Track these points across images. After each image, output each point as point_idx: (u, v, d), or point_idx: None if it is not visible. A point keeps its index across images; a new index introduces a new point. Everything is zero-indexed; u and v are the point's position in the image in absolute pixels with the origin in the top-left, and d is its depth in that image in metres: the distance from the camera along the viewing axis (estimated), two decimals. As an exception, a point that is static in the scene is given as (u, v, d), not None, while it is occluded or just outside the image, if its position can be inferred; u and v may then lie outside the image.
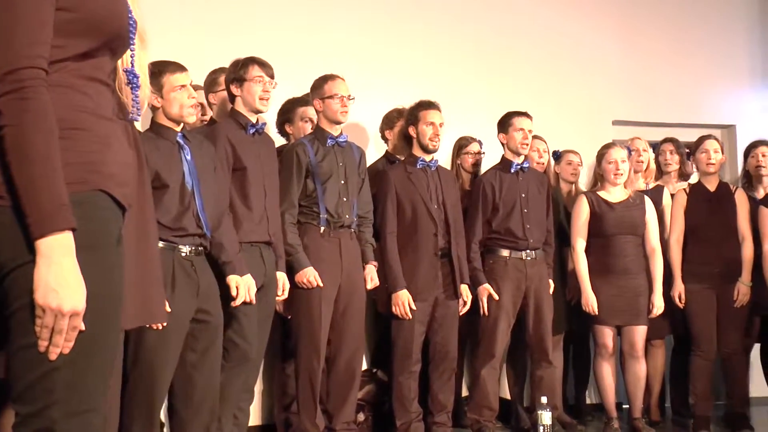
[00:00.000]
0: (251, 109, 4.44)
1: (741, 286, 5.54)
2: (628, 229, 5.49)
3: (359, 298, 4.86)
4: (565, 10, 6.94)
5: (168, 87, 3.96)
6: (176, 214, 3.88)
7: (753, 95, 7.54)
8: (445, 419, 5.20)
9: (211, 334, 3.97)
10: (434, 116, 5.20)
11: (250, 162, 4.36)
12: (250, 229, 4.33)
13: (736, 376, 5.66)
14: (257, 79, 4.39)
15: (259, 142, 4.47)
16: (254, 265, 4.28)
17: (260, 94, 4.40)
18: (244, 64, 4.41)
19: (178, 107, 3.98)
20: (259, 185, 4.39)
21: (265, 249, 4.41)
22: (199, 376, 3.95)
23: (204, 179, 4.02)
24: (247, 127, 4.42)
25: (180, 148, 4.00)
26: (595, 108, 6.92)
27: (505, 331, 5.40)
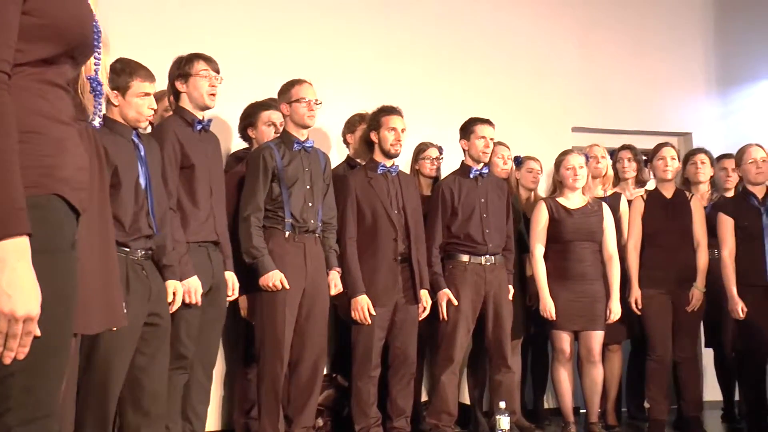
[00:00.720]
0: (198, 105, 4.39)
1: (695, 292, 5.63)
2: (586, 236, 5.55)
3: (323, 304, 4.85)
4: (525, 18, 7.00)
5: (132, 91, 3.93)
6: (132, 213, 3.86)
7: (709, 103, 7.66)
8: (404, 424, 5.22)
9: (160, 338, 3.95)
10: (396, 122, 5.21)
11: (198, 159, 4.33)
12: (198, 228, 4.29)
13: (689, 380, 5.74)
14: (203, 74, 4.36)
15: (205, 139, 4.43)
16: (202, 265, 4.25)
17: (207, 89, 4.37)
18: (189, 60, 4.37)
19: (135, 114, 3.94)
20: (206, 184, 4.36)
21: (213, 249, 4.39)
22: (147, 379, 3.92)
23: (155, 178, 4.00)
24: (194, 124, 4.38)
25: (135, 147, 3.97)
26: (554, 115, 6.99)
27: (465, 336, 5.42)
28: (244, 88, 5.04)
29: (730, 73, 7.66)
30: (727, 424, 6.17)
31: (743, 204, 5.62)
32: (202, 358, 4.37)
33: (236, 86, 4.73)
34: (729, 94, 7.68)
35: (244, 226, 4.66)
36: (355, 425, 5.13)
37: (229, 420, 5.35)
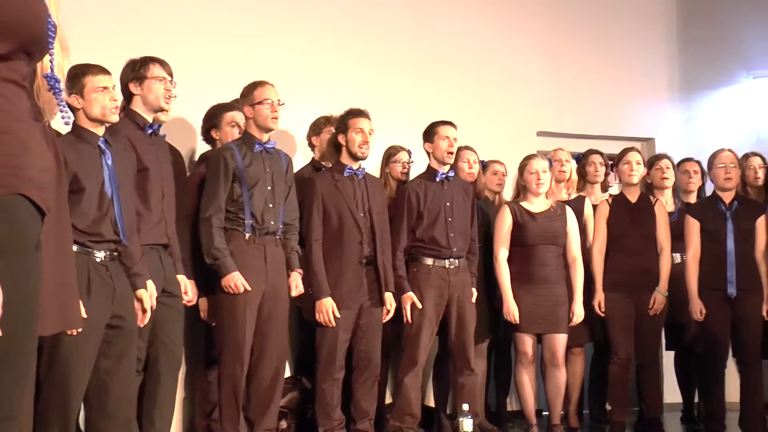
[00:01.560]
0: (152, 108, 4.38)
1: (657, 295, 5.69)
2: (550, 239, 5.59)
3: (283, 306, 4.85)
4: (491, 23, 7.05)
5: (89, 88, 3.91)
6: (93, 219, 3.83)
7: (672, 109, 7.77)
8: (367, 426, 5.22)
9: (125, 340, 3.92)
10: (364, 124, 5.22)
11: (151, 163, 4.31)
12: (149, 231, 4.27)
13: (651, 382, 5.80)
14: (159, 78, 4.35)
15: (156, 143, 4.42)
16: (153, 268, 4.23)
17: (163, 93, 4.36)
18: (144, 63, 4.36)
19: (99, 109, 3.93)
20: (158, 187, 4.34)
21: (163, 252, 4.37)
22: (113, 382, 3.89)
23: (124, 185, 3.98)
24: (145, 128, 4.37)
25: (101, 153, 3.95)
26: (520, 119, 7.04)
27: (428, 339, 5.44)
28: (207, 89, 5.02)
29: (693, 80, 7.76)
30: (687, 425, 6.25)
31: (710, 208, 5.69)
32: (167, 361, 4.35)
33: (200, 88, 4.72)
34: (691, 100, 7.78)
35: (205, 227, 4.65)
36: (318, 427, 5.13)
37: (191, 423, 5.32)
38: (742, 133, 7.56)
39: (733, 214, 5.59)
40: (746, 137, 7.47)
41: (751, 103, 7.67)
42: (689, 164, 6.27)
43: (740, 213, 5.60)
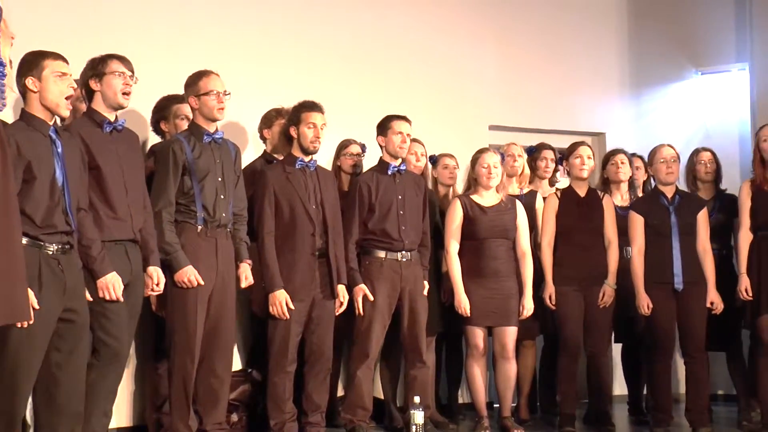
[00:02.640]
0: (111, 105, 4.32)
1: (607, 288, 5.75)
2: (500, 233, 5.63)
3: (231, 298, 4.83)
4: (443, 17, 7.08)
5: (48, 71, 3.85)
6: (46, 209, 3.78)
7: (622, 104, 7.86)
8: (319, 419, 5.22)
9: (77, 334, 3.88)
10: (316, 117, 5.21)
11: (105, 160, 4.25)
12: (113, 227, 4.23)
13: (600, 375, 5.86)
14: (118, 73, 4.31)
15: (117, 139, 4.35)
16: (119, 263, 4.19)
17: (121, 87, 4.31)
18: (103, 60, 4.31)
19: (56, 94, 3.86)
20: (119, 184, 4.29)
21: (131, 246, 4.33)
22: (63, 376, 3.85)
23: (72, 175, 3.93)
24: (104, 125, 4.32)
25: (52, 142, 3.90)
26: (472, 113, 7.08)
27: (380, 332, 5.45)
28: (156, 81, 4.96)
29: (643, 76, 7.85)
30: (634, 417, 6.32)
31: (653, 203, 5.75)
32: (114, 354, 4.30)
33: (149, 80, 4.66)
34: (641, 95, 7.87)
35: (156, 221, 4.59)
36: (269, 420, 5.12)
37: (141, 416, 5.29)
38: (691, 128, 7.67)
39: (676, 208, 5.67)
40: (695, 132, 7.58)
41: (700, 99, 7.77)
42: (635, 160, 6.35)
43: (682, 207, 5.68)
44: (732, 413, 6.16)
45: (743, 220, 5.59)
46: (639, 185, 6.33)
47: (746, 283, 5.50)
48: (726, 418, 6.20)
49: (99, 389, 4.15)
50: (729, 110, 7.64)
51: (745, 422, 5.86)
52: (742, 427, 5.83)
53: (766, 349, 5.46)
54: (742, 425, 5.87)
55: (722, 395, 6.90)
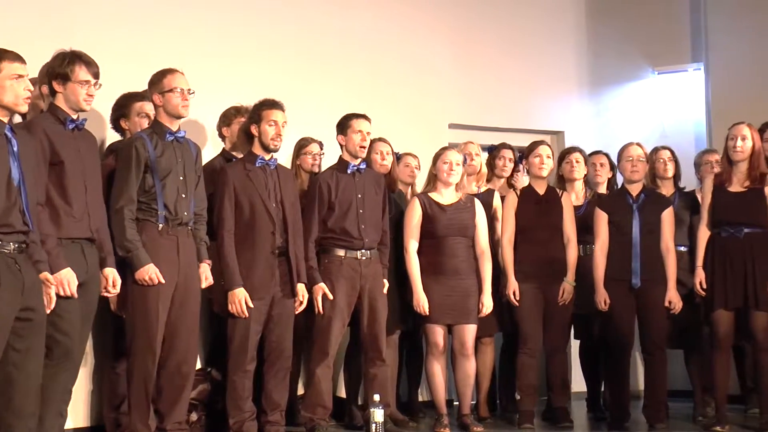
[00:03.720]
0: (73, 108, 4.30)
1: (566, 286, 5.80)
2: (459, 231, 5.65)
3: (194, 297, 4.80)
4: (403, 16, 7.12)
5: (4, 74, 3.80)
6: (2, 208, 3.74)
7: (581, 103, 7.94)
8: (278, 418, 5.21)
9: (34, 332, 3.84)
10: (278, 115, 5.19)
11: (68, 157, 4.22)
12: (71, 225, 4.19)
13: (558, 371, 5.91)
14: (82, 83, 4.28)
15: (78, 137, 4.33)
16: (75, 261, 4.15)
17: (84, 96, 4.29)
18: (71, 62, 4.27)
19: (12, 96, 3.82)
20: (79, 181, 4.26)
21: (87, 245, 4.28)
22: (20, 375, 3.80)
23: (29, 174, 3.89)
24: (66, 123, 4.28)
25: (8, 141, 3.85)
26: (432, 112, 7.11)
27: (340, 330, 5.45)
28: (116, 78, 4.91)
29: (601, 75, 7.94)
30: (593, 413, 6.38)
31: (618, 200, 5.82)
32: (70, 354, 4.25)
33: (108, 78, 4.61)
34: (599, 94, 7.97)
35: (116, 219, 4.57)
36: (229, 419, 5.10)
37: (99, 415, 5.24)
38: (648, 127, 7.76)
39: (639, 206, 5.72)
40: (652, 131, 7.67)
41: (657, 98, 7.87)
42: (596, 157, 6.41)
43: (647, 206, 5.74)
44: (688, 409, 6.24)
45: (703, 215, 5.66)
46: (602, 182, 6.38)
47: (701, 277, 5.56)
48: (682, 413, 6.27)
49: (52, 389, 4.10)
50: (685, 110, 7.75)
51: (701, 417, 5.97)
52: (697, 422, 5.92)
53: (720, 344, 5.53)
54: (697, 420, 5.96)
55: (679, 391, 6.97)
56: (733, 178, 5.58)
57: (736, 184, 5.57)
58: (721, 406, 5.57)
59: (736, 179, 5.57)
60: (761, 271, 5.42)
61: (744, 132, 5.53)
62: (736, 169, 5.58)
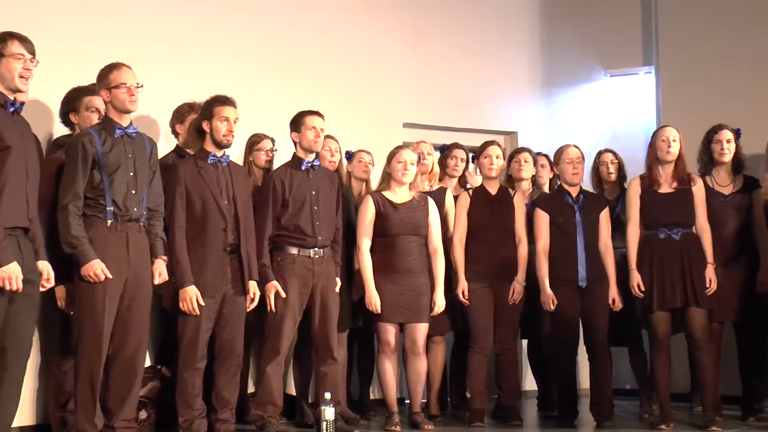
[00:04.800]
0: (9, 87, 4.18)
1: (516, 285, 5.85)
2: (412, 230, 5.68)
3: (145, 294, 4.77)
4: (358, 14, 7.13)
5: None
6: None
7: (534, 104, 8.01)
8: (229, 416, 5.19)
9: None
10: (229, 112, 5.18)
11: (14, 141, 4.13)
12: (10, 213, 4.09)
13: (509, 370, 5.96)
14: (17, 56, 4.18)
15: (19, 122, 4.25)
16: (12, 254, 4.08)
17: (20, 71, 4.17)
18: (2, 39, 4.17)
19: None
20: (22, 167, 4.16)
21: (22, 236, 4.18)
22: None
23: None
24: (7, 105, 4.19)
25: None
26: (386, 110, 7.13)
27: (291, 328, 5.44)
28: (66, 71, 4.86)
29: (554, 77, 8.02)
30: (542, 411, 6.45)
31: (559, 201, 5.88)
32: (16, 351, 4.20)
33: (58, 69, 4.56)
34: (552, 96, 8.04)
35: (62, 215, 4.51)
36: (178, 417, 5.08)
37: (44, 414, 5.18)
38: (600, 128, 7.86)
39: (580, 207, 5.80)
40: (603, 133, 7.77)
41: (608, 100, 7.96)
42: (541, 159, 6.47)
43: (587, 206, 5.82)
44: (635, 407, 6.32)
45: (632, 216, 5.73)
46: (544, 183, 6.44)
47: (637, 279, 5.63)
48: (629, 411, 6.36)
49: None
50: (636, 112, 7.85)
51: (646, 415, 6.05)
52: (643, 420, 6.00)
53: (659, 344, 5.61)
54: (643, 418, 6.05)
55: (627, 390, 7.06)
56: (661, 180, 5.68)
57: (664, 185, 5.67)
58: (665, 405, 5.65)
59: (664, 180, 5.67)
60: (698, 270, 5.53)
61: (674, 134, 5.66)
62: (663, 171, 5.67)
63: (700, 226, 5.64)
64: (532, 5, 8.06)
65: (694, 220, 5.63)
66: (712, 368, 5.60)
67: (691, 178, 5.68)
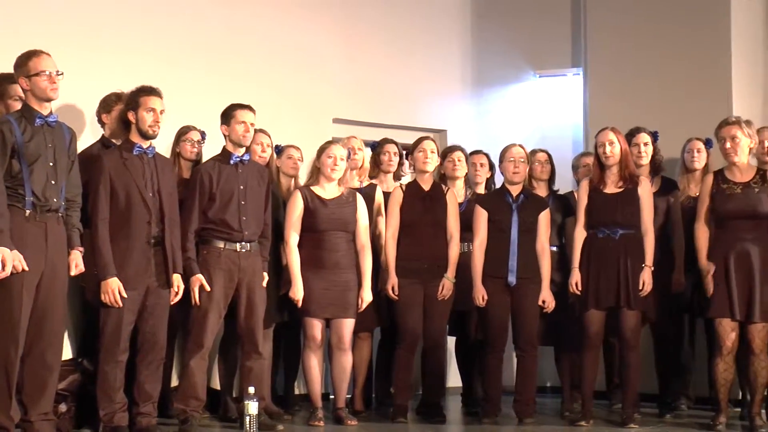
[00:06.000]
0: None
1: (446, 282, 5.88)
2: (340, 226, 5.69)
3: (62, 285, 4.71)
4: (290, 9, 7.09)
5: None
6: None
7: (464, 103, 8.07)
8: (151, 409, 5.14)
9: None
10: (155, 102, 5.13)
11: None
12: None
13: (435, 367, 6.00)
14: None
15: None
16: None
17: None
18: None
19: None
20: None
21: None
22: None
23: None
24: None
25: None
26: (317, 106, 7.12)
27: (216, 322, 5.41)
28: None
29: (484, 76, 8.09)
30: (466, 408, 6.50)
31: (498, 199, 5.93)
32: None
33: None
34: (482, 95, 8.11)
35: None
36: (99, 411, 5.02)
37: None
38: (528, 128, 7.93)
39: (519, 206, 5.86)
40: (532, 132, 7.84)
41: (537, 101, 8.06)
42: (476, 157, 6.52)
43: (525, 206, 5.88)
44: (556, 404, 6.43)
45: (579, 216, 5.82)
46: (481, 182, 6.49)
47: (577, 278, 5.71)
48: (551, 408, 6.46)
49: None
50: (564, 113, 7.95)
51: (567, 412, 6.14)
52: (564, 417, 6.10)
53: (589, 342, 5.71)
54: (564, 415, 6.14)
55: (549, 387, 7.18)
56: (607, 180, 5.76)
57: (610, 186, 5.75)
58: (587, 402, 5.75)
59: (610, 181, 5.76)
60: (634, 272, 5.62)
61: (610, 137, 5.73)
62: (609, 171, 5.76)
63: (644, 227, 5.70)
64: (464, 4, 8.12)
65: (636, 221, 5.69)
66: (637, 367, 5.71)
67: (637, 180, 5.75)
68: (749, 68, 7.21)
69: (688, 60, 7.16)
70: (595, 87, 7.57)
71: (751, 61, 7.25)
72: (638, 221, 5.69)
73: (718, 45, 7.07)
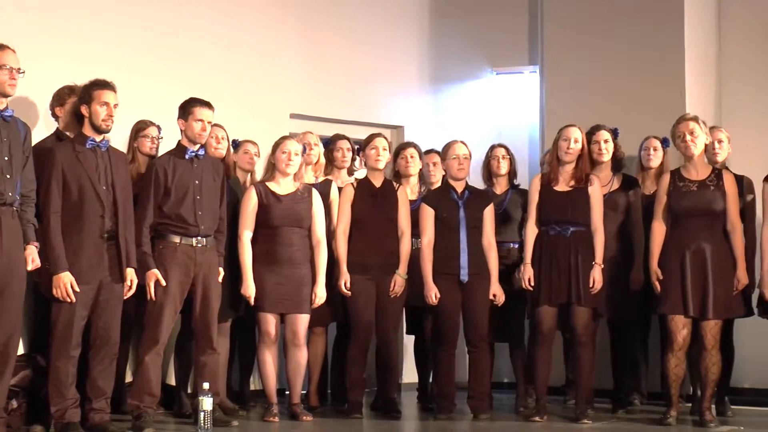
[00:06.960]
0: None
1: (398, 278, 5.90)
2: (294, 221, 5.68)
3: (18, 280, 4.66)
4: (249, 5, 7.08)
5: None
6: None
7: (421, 99, 8.10)
8: (104, 405, 5.09)
9: None
10: (109, 96, 5.07)
11: None
12: None
13: (389, 362, 6.01)
14: None
15: None
16: None
17: None
18: None
19: None
20: None
21: None
22: None
23: None
24: None
25: None
26: (274, 101, 7.11)
27: (171, 317, 5.38)
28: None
29: (442, 73, 8.12)
30: (421, 404, 6.53)
31: (444, 197, 5.95)
32: None
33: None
34: (440, 92, 8.14)
35: None
36: (51, 407, 4.96)
37: None
38: (486, 125, 7.97)
39: (465, 203, 5.89)
40: (489, 129, 7.88)
41: (494, 98, 8.10)
42: (430, 156, 6.54)
43: (471, 202, 5.91)
44: (511, 400, 6.47)
45: (530, 212, 5.85)
46: (436, 182, 6.49)
47: (530, 274, 5.75)
48: (506, 404, 6.50)
49: None
50: (520, 111, 8.00)
51: (522, 408, 6.18)
52: (519, 413, 6.14)
53: (542, 338, 5.75)
54: (518, 411, 6.18)
55: (505, 383, 7.22)
56: (560, 178, 5.81)
57: (562, 183, 5.80)
58: (541, 398, 5.79)
59: (563, 179, 5.80)
60: (584, 269, 5.67)
61: (576, 135, 5.78)
62: (563, 169, 5.81)
63: (594, 225, 5.75)
64: (423, 1, 8.13)
65: (587, 219, 5.74)
66: (590, 363, 5.76)
67: (589, 179, 5.79)
68: (702, 65, 7.31)
69: (643, 58, 7.24)
70: (552, 85, 7.63)
71: (704, 59, 7.34)
72: (589, 219, 5.74)
73: (671, 43, 7.15)
